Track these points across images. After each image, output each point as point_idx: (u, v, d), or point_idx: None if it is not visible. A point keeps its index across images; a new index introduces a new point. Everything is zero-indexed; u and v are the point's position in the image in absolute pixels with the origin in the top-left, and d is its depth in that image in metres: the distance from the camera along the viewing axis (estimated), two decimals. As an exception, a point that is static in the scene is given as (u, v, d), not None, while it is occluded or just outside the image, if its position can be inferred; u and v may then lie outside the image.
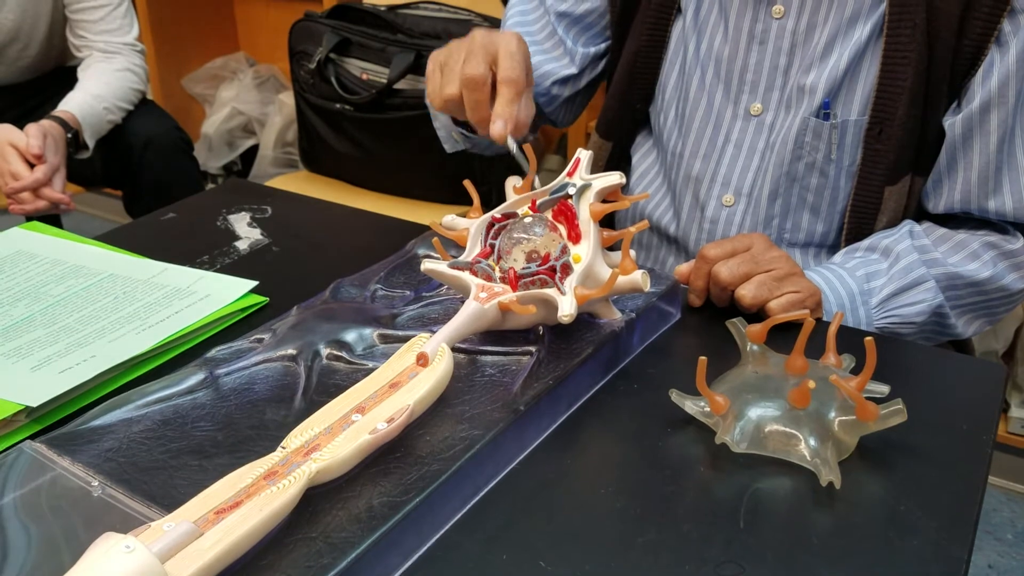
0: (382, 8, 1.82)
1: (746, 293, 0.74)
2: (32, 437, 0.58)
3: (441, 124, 1.01)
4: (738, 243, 0.77)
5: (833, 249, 0.92)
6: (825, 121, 0.87)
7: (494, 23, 1.76)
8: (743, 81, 0.92)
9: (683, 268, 0.78)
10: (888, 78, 0.84)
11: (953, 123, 0.84)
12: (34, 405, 0.62)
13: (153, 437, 0.57)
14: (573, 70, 1.03)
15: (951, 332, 0.89)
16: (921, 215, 0.91)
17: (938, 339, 0.90)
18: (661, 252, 1.04)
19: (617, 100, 1.01)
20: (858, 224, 0.90)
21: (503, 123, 0.78)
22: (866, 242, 0.88)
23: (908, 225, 0.88)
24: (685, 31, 0.95)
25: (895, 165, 0.86)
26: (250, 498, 0.48)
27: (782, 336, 0.69)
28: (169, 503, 0.50)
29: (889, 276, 0.85)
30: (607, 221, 1.08)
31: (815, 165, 0.89)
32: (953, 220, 0.89)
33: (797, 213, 0.92)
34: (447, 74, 0.80)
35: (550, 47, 1.03)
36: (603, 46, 1.03)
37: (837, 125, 0.87)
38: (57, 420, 0.63)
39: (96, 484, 0.53)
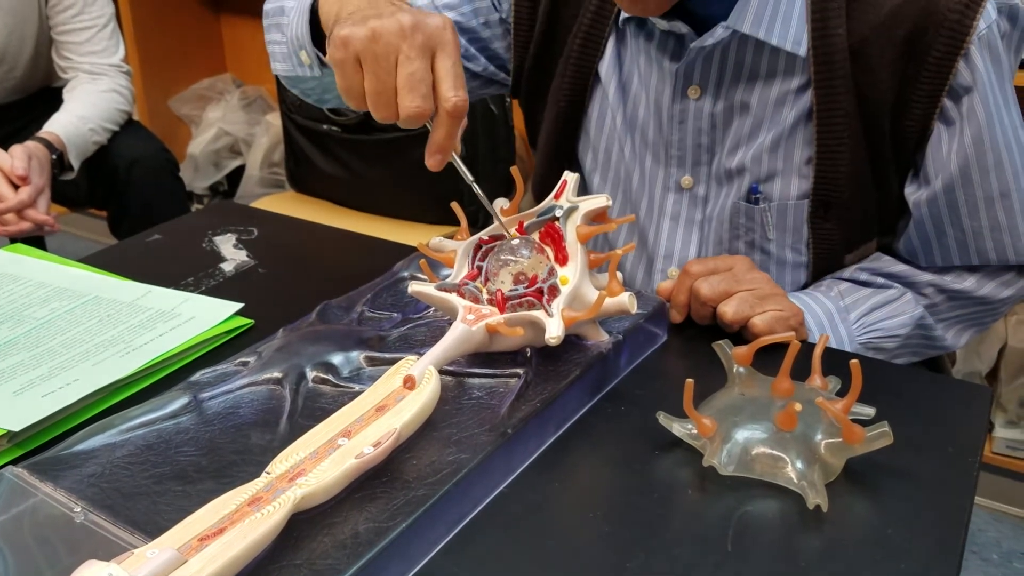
0: (369, 30, 1.83)
1: (728, 309, 0.74)
2: (14, 462, 0.57)
3: (285, 39, 0.83)
4: (720, 262, 0.78)
5: None
6: (755, 206, 0.85)
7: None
8: (670, 156, 0.89)
9: (665, 284, 0.78)
10: (825, 163, 0.82)
11: (919, 202, 0.84)
12: (16, 429, 0.61)
13: (136, 462, 0.57)
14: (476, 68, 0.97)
15: (940, 344, 0.89)
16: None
17: (928, 353, 0.90)
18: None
19: (546, 160, 0.97)
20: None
21: (441, 158, 0.66)
22: (827, 278, 0.88)
23: (857, 270, 0.88)
24: (607, 98, 0.91)
25: (851, 238, 0.86)
26: (234, 524, 0.48)
27: (768, 358, 0.69)
28: (152, 529, 0.50)
29: (863, 294, 0.85)
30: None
31: (754, 244, 0.87)
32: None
33: None
34: (376, 78, 0.63)
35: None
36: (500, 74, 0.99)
37: (770, 209, 0.85)
38: (39, 445, 0.63)
39: (79, 510, 0.52)
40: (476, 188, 0.69)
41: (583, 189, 0.97)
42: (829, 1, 0.78)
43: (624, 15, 0.86)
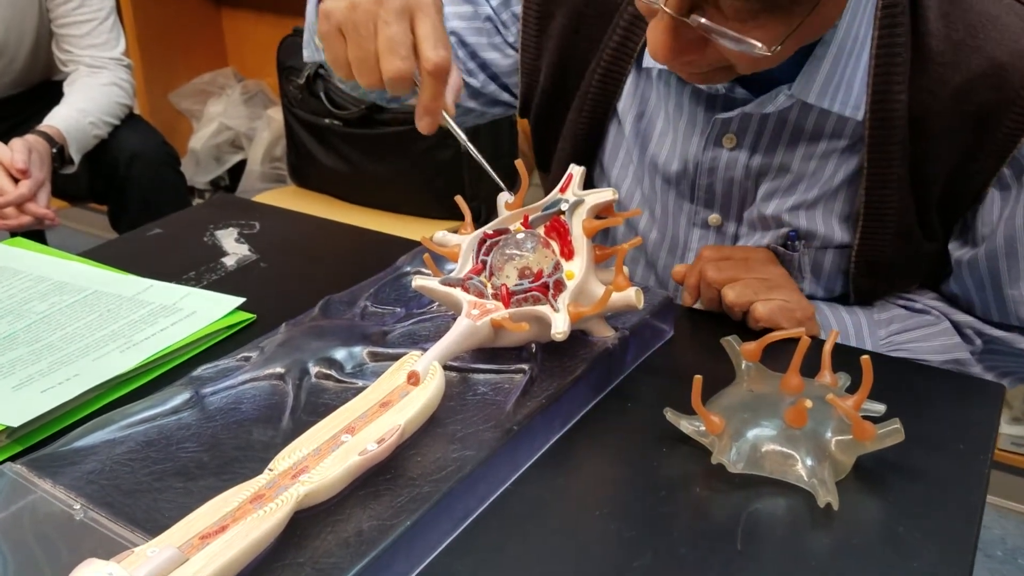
0: (371, 23, 1.82)
1: (731, 292, 0.73)
2: (13, 458, 0.57)
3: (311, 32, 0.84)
4: (738, 250, 0.76)
5: None
6: (793, 252, 0.81)
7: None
8: (697, 198, 0.85)
9: (680, 267, 0.78)
10: (874, 223, 0.78)
11: (960, 261, 0.81)
12: (15, 425, 0.61)
13: (137, 459, 0.56)
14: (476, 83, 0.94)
15: (972, 372, 0.86)
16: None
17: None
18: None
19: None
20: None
21: (430, 120, 0.67)
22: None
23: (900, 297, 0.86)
24: (625, 138, 0.87)
25: (894, 285, 0.84)
26: (236, 522, 0.47)
27: (777, 354, 0.69)
28: (153, 527, 0.49)
29: (899, 313, 0.82)
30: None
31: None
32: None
33: None
34: (357, 45, 0.66)
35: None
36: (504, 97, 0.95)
37: (808, 254, 0.82)
38: (39, 441, 0.62)
39: (78, 507, 0.52)
40: (472, 150, 0.67)
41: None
42: (893, 68, 0.74)
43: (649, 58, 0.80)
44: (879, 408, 0.62)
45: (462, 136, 0.68)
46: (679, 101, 0.83)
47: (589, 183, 0.91)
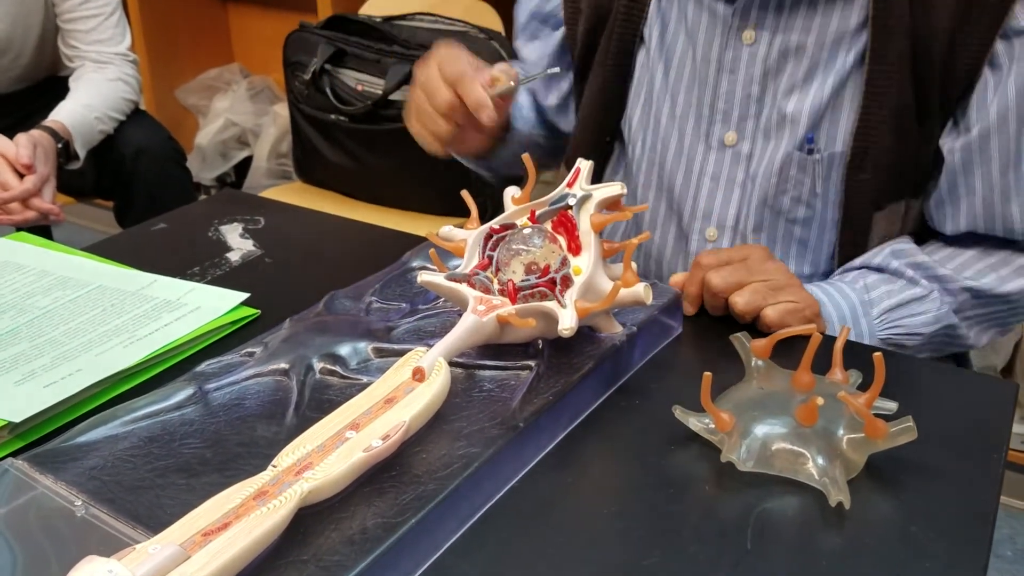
0: (377, 19, 1.81)
1: (739, 300, 0.73)
2: (15, 454, 0.56)
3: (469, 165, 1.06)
4: (735, 252, 0.76)
5: (825, 277, 0.90)
6: (809, 156, 0.83)
7: (490, 35, 1.75)
8: (714, 111, 0.88)
9: (678, 277, 0.77)
10: (872, 104, 0.81)
11: (952, 149, 0.82)
12: (17, 421, 0.60)
13: (139, 455, 0.55)
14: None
15: (962, 343, 0.87)
16: (922, 236, 0.90)
17: (949, 350, 0.88)
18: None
19: (587, 132, 0.98)
20: (849, 253, 0.88)
21: (486, 110, 0.78)
22: (857, 262, 0.86)
23: (889, 246, 0.86)
24: (650, 60, 0.91)
25: (884, 193, 0.84)
26: (239, 519, 0.46)
27: (787, 351, 0.68)
28: (155, 524, 0.48)
29: (889, 289, 0.83)
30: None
31: (801, 199, 0.86)
32: (959, 240, 0.88)
33: (785, 245, 0.89)
34: (428, 119, 0.83)
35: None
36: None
37: (822, 159, 0.83)
38: (41, 436, 0.62)
39: (79, 504, 0.51)
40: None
41: (620, 159, 0.98)
42: None
43: None
44: (891, 406, 0.61)
45: (540, 73, 0.88)
46: (698, 3, 0.87)
47: (615, 123, 0.95)
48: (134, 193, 1.64)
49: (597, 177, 1.00)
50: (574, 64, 0.99)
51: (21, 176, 1.37)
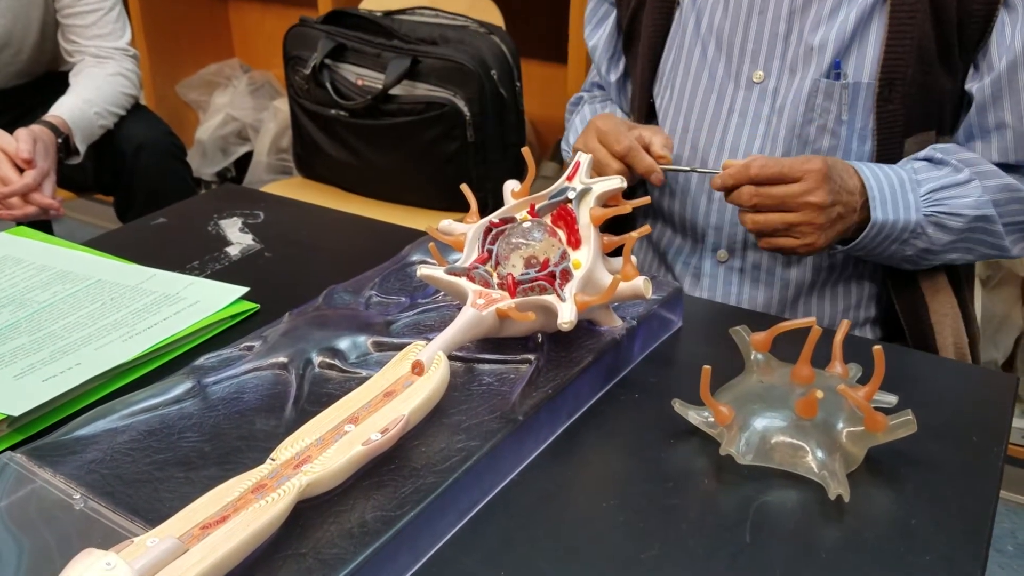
0: (378, 14, 1.81)
1: (748, 219, 0.82)
2: (14, 448, 0.56)
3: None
4: (793, 168, 0.80)
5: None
6: (836, 81, 0.87)
7: (490, 30, 1.74)
8: (744, 52, 0.93)
9: (733, 164, 0.83)
10: (896, 38, 0.85)
11: (981, 87, 0.85)
12: (16, 414, 0.60)
13: (138, 448, 0.55)
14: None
15: (999, 243, 0.89)
16: None
17: (985, 252, 0.90)
18: (666, 235, 1.02)
19: (638, 99, 1.03)
20: None
21: (655, 174, 0.89)
22: (902, 160, 0.90)
23: (931, 146, 0.89)
24: (684, 13, 0.97)
25: (910, 123, 0.87)
26: (237, 512, 0.46)
27: (787, 345, 0.68)
28: (153, 517, 0.48)
29: (936, 173, 0.86)
30: (608, 226, 1.06)
31: (826, 127, 0.89)
32: None
33: None
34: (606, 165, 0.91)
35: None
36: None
37: (848, 85, 0.87)
38: (40, 430, 0.62)
39: (78, 497, 0.51)
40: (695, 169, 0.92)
41: (651, 111, 1.03)
42: None
43: None
44: (891, 399, 0.61)
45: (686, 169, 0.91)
46: None
47: (651, 78, 1.01)
48: (134, 188, 1.63)
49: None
50: (622, 34, 1.05)
51: (21, 171, 1.36)
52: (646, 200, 0.69)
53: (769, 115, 0.92)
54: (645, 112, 1.04)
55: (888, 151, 0.89)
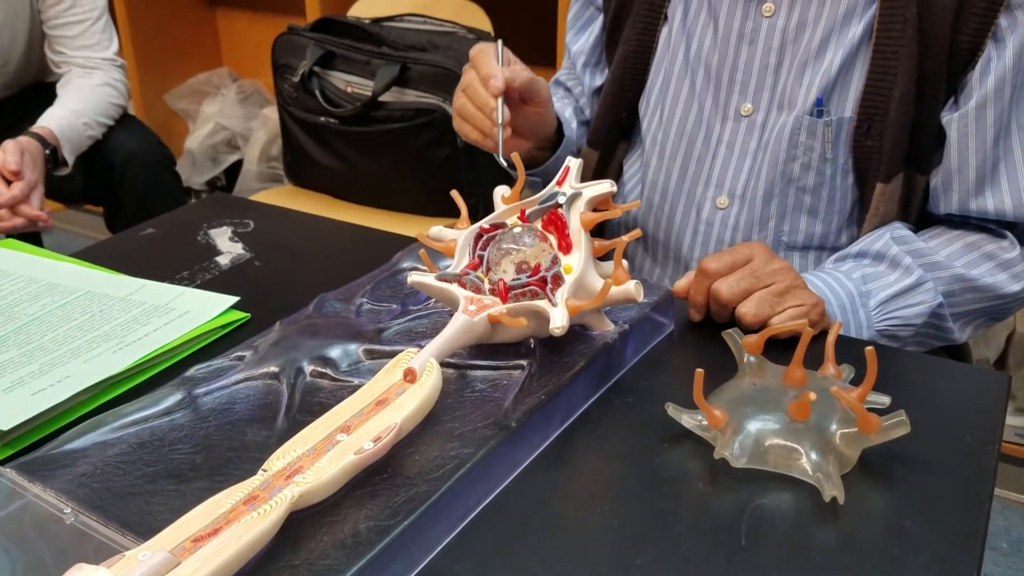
0: (366, 21, 1.81)
1: (747, 311, 0.72)
2: (3, 462, 0.55)
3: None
4: (738, 255, 0.75)
5: (833, 251, 0.91)
6: (819, 119, 0.86)
7: (479, 35, 1.75)
8: (732, 82, 0.91)
9: (682, 283, 0.76)
10: (877, 74, 0.84)
11: (951, 121, 0.84)
12: (5, 428, 0.60)
13: (129, 461, 0.55)
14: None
15: (947, 336, 0.88)
16: (922, 219, 0.91)
17: (932, 344, 0.89)
18: (646, 264, 1.02)
19: (605, 108, 1.01)
20: (854, 224, 0.90)
21: (492, 79, 0.84)
22: (855, 248, 0.87)
23: (889, 231, 0.86)
24: (672, 37, 0.95)
25: (887, 162, 0.85)
26: (229, 525, 0.46)
27: (779, 347, 0.68)
28: (145, 530, 0.48)
29: (886, 279, 0.84)
30: (598, 231, 1.06)
31: (810, 165, 0.88)
32: (951, 224, 0.88)
33: (794, 215, 0.91)
34: (471, 117, 0.90)
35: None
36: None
37: (831, 123, 0.86)
38: (29, 444, 0.61)
39: (69, 511, 0.51)
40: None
41: (636, 135, 1.02)
42: None
43: None
44: (884, 400, 0.61)
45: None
46: None
47: (634, 99, 0.99)
48: (124, 199, 1.63)
49: (609, 154, 1.04)
50: (603, 42, 1.03)
51: (9, 183, 1.36)
52: (636, 204, 0.69)
53: (756, 149, 0.91)
54: (613, 135, 1.02)
55: (862, 195, 0.88)
